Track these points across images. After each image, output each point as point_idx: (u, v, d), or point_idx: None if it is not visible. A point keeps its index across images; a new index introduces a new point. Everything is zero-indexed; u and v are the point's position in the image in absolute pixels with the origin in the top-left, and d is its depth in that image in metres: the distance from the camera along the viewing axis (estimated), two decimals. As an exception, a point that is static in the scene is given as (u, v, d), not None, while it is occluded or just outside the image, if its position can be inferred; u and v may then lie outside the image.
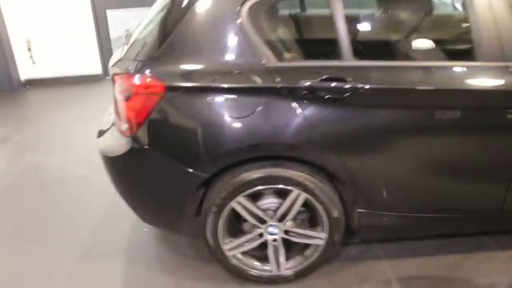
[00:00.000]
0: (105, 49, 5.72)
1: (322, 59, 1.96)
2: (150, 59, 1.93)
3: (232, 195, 1.99)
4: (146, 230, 2.63)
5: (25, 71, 5.82)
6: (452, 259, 2.31)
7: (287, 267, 2.18)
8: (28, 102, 5.49)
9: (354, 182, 2.00)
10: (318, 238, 2.11)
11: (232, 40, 1.90)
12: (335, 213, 2.04)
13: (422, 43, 2.16)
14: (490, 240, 2.41)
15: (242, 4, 1.89)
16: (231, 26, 1.90)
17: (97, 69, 5.90)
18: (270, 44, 1.91)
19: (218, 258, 2.17)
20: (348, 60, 1.90)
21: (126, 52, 2.10)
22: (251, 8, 1.90)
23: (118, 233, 2.64)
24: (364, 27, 2.34)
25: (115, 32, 5.65)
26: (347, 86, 1.86)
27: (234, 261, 2.18)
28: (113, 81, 2.07)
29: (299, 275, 2.21)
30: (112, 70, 2.12)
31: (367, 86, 1.86)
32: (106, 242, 2.58)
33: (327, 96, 1.87)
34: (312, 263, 2.18)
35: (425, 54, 2.15)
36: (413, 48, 2.19)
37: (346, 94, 1.86)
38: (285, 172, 1.96)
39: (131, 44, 2.13)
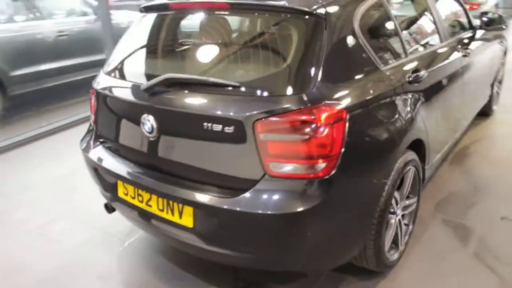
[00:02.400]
0: None
1: (394, 57, 2.32)
2: (311, 86, 1.76)
3: (393, 192, 2.10)
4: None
5: None
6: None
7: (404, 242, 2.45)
8: None
9: (428, 145, 2.50)
10: (414, 203, 2.50)
11: (354, 51, 1.99)
12: (421, 176, 2.49)
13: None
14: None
15: (353, 17, 2.01)
16: (352, 38, 1.98)
17: None
18: (374, 49, 2.10)
19: (383, 265, 2.20)
20: (407, 56, 2.37)
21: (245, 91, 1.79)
22: (360, 18, 2.04)
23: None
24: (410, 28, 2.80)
25: None
26: (423, 72, 2.35)
27: (392, 259, 2.26)
28: (259, 128, 1.72)
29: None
30: (250, 118, 1.73)
31: (428, 70, 2.43)
32: None
33: (416, 83, 2.29)
34: (412, 228, 2.54)
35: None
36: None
37: (423, 78, 2.35)
38: (410, 155, 2.24)
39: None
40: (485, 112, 4.31)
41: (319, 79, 1.77)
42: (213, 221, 1.87)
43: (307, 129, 1.69)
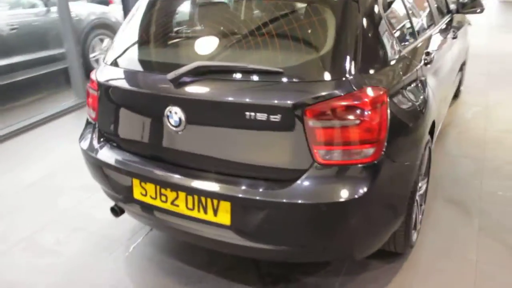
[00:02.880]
0: None
1: (409, 40, 2.34)
2: (354, 70, 1.73)
3: (419, 173, 2.13)
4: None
5: None
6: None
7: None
8: None
9: (436, 126, 2.56)
10: (425, 183, 2.55)
11: (383, 34, 1.98)
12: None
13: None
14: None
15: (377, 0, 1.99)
16: (380, 21, 1.97)
17: None
18: (395, 32, 2.11)
19: (409, 246, 2.24)
20: (417, 39, 2.42)
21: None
22: (382, 2, 2.03)
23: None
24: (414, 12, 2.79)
25: None
26: (433, 54, 2.40)
27: (413, 239, 2.29)
28: (308, 115, 1.66)
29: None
30: (299, 105, 1.66)
31: (433, 50, 2.48)
32: None
33: (429, 65, 2.34)
34: (424, 207, 2.59)
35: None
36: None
37: (433, 57, 2.40)
38: (427, 136, 2.26)
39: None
40: (454, 93, 4.52)
41: (360, 63, 1.75)
42: (256, 216, 1.78)
43: (357, 114, 1.66)
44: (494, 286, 2.19)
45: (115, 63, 2.15)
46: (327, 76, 1.72)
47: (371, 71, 1.79)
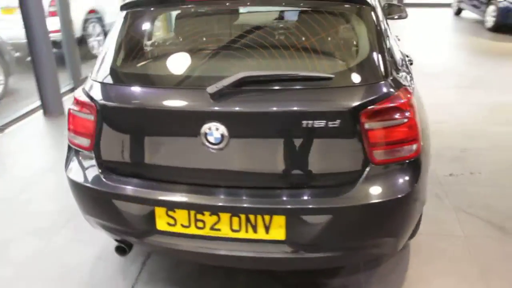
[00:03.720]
0: None
1: None
2: (390, 72, 1.82)
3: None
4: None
5: None
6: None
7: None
8: None
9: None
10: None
11: (390, 37, 2.10)
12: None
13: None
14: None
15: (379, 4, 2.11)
16: (386, 25, 2.09)
17: None
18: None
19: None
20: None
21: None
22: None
23: None
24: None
25: None
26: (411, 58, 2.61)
27: None
28: (364, 117, 1.69)
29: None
30: (356, 109, 1.69)
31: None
32: None
33: (412, 64, 2.54)
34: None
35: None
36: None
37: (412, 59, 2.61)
38: None
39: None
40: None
41: (393, 64, 1.85)
42: (316, 225, 1.74)
43: (403, 113, 1.74)
44: (487, 254, 2.46)
45: (115, 80, 1.92)
46: (372, 79, 1.77)
47: (399, 72, 1.90)
